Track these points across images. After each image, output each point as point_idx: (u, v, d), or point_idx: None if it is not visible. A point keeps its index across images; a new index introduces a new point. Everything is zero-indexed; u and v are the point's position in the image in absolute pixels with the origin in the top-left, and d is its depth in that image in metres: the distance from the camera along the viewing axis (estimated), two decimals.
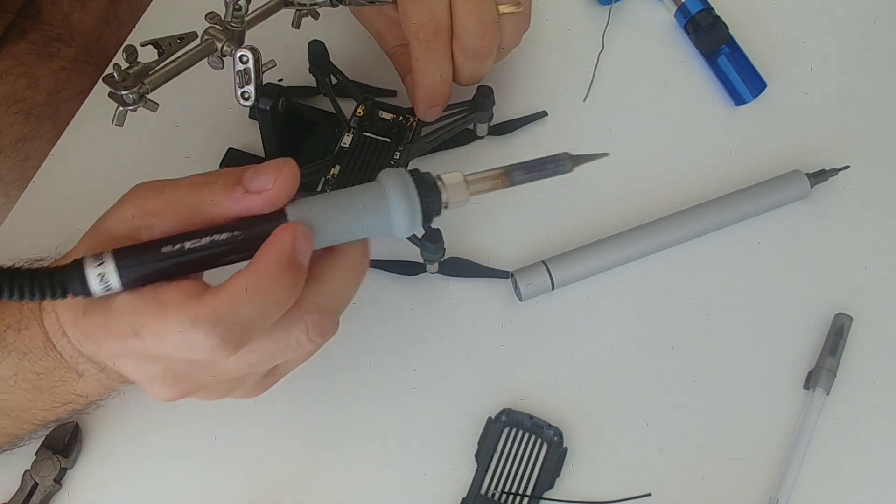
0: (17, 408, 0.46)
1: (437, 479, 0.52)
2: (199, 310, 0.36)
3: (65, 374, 0.44)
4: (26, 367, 0.44)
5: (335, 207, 0.39)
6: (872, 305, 0.56)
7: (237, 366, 0.40)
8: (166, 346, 0.37)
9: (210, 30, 0.48)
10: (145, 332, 0.37)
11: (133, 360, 0.39)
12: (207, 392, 0.41)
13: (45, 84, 0.68)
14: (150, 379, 0.39)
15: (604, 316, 0.56)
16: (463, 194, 0.41)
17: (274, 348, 0.40)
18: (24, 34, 0.68)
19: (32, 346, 0.43)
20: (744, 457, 0.53)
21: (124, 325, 0.37)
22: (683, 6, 0.63)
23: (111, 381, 0.45)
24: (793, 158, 0.60)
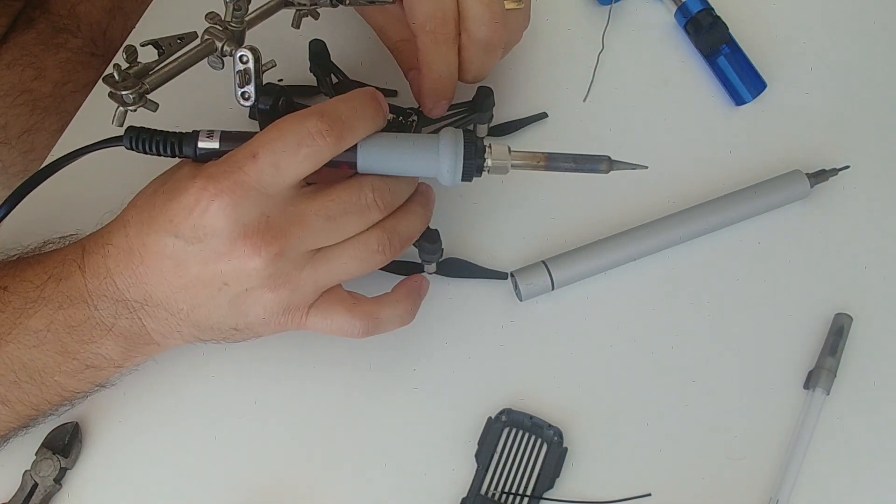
0: (42, 369, 0.47)
1: (437, 479, 0.52)
2: (307, 110, 0.44)
3: (93, 328, 0.46)
4: (59, 319, 0.46)
5: (397, 142, 0.47)
6: (872, 305, 0.56)
7: (318, 216, 0.45)
8: (283, 148, 0.43)
9: (210, 30, 0.48)
10: (263, 146, 0.43)
11: (234, 205, 0.42)
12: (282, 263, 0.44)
13: (51, 75, 0.68)
14: (245, 228, 0.43)
15: (604, 316, 0.56)
16: (504, 162, 0.48)
17: (348, 199, 0.45)
18: (33, 23, 0.68)
19: (70, 295, 0.46)
20: (744, 457, 0.53)
21: (242, 152, 0.43)
22: (683, 6, 0.63)
23: (137, 339, 0.47)
24: (793, 158, 0.60)
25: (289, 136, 0.43)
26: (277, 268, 0.44)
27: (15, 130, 0.68)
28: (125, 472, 0.52)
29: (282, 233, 0.44)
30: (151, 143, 0.46)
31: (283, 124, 0.43)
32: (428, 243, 0.52)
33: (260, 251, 0.43)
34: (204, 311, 0.46)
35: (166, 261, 0.44)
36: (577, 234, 0.58)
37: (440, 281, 0.57)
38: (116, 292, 0.46)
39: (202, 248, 0.43)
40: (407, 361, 0.55)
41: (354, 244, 0.47)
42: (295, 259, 0.45)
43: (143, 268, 0.45)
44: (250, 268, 0.44)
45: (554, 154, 0.49)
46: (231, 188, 0.42)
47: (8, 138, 0.67)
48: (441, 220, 0.58)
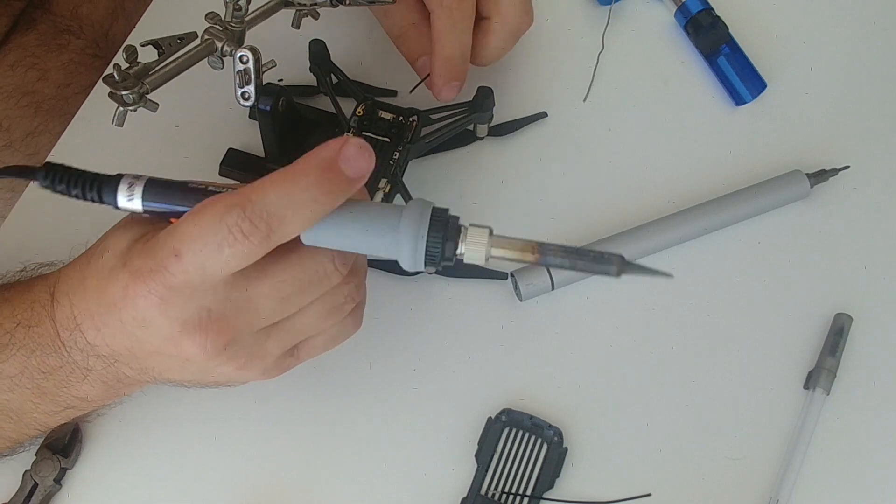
0: (19, 410, 0.46)
1: (437, 479, 0.52)
2: (230, 198, 0.37)
3: (69, 374, 0.44)
4: (33, 365, 0.44)
5: (349, 220, 0.38)
6: (872, 305, 0.56)
7: (269, 299, 0.40)
8: (204, 248, 0.37)
9: (210, 30, 0.48)
10: (185, 244, 0.37)
11: (166, 304, 0.38)
12: (237, 348, 0.40)
13: (54, 77, 0.68)
14: (184, 325, 0.39)
15: (604, 316, 0.56)
16: (480, 249, 0.39)
17: (303, 276, 0.40)
18: (34, 24, 0.68)
19: (42, 342, 0.44)
20: (744, 457, 0.53)
21: (164, 250, 0.38)
22: (683, 6, 0.63)
23: (116, 383, 0.45)
24: (793, 158, 0.60)
25: (209, 234, 0.37)
26: (233, 352, 0.41)
27: (18, 133, 0.68)
28: (125, 472, 0.52)
29: (227, 324, 0.39)
30: (69, 182, 0.40)
31: (202, 218, 0.37)
32: None
33: (205, 347, 0.39)
34: (176, 374, 0.44)
35: (123, 335, 0.41)
36: (577, 234, 0.58)
37: (440, 281, 0.57)
38: (87, 346, 0.43)
39: (149, 336, 0.40)
40: (407, 361, 0.55)
41: (316, 308, 0.42)
42: (251, 340, 0.41)
43: (105, 331, 0.42)
44: (202, 359, 0.40)
45: (548, 246, 0.39)
46: (158, 290, 0.38)
47: (11, 141, 0.67)
48: None
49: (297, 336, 0.43)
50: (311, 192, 0.37)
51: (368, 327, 0.55)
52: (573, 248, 0.38)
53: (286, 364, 0.45)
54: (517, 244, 0.39)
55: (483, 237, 0.38)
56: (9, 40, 0.66)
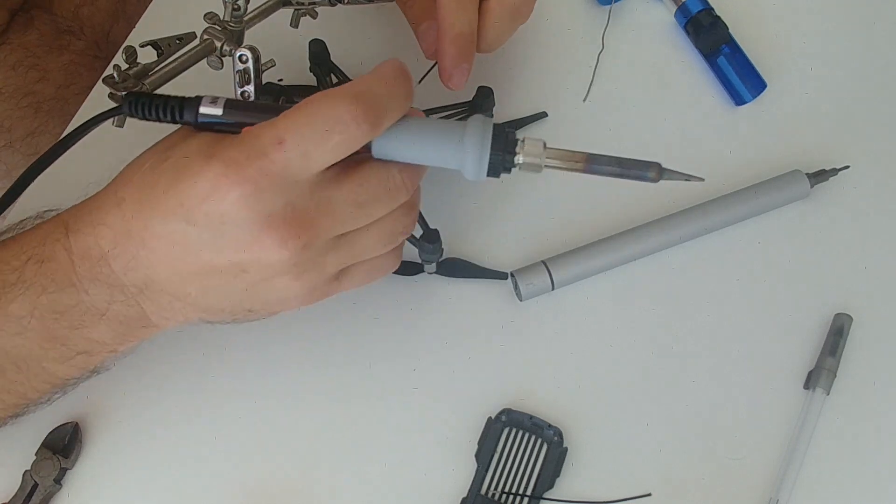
0: (27, 356, 0.44)
1: (437, 479, 0.52)
2: (339, 89, 0.39)
3: (84, 313, 0.43)
4: (44, 304, 0.42)
5: (420, 129, 0.42)
6: (872, 305, 0.56)
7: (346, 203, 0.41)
8: (312, 135, 0.39)
9: (209, 30, 0.48)
10: (290, 132, 0.39)
11: (258, 194, 0.38)
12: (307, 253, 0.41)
13: (54, 78, 0.68)
14: (269, 218, 0.39)
15: (604, 316, 0.56)
16: (537, 160, 0.43)
17: (377, 184, 0.42)
18: (34, 24, 0.68)
19: (54, 278, 0.42)
20: (744, 457, 0.53)
21: (265, 138, 0.39)
22: (683, 6, 0.63)
23: (135, 323, 0.44)
24: (793, 158, 0.60)
25: (319, 121, 0.39)
26: (303, 257, 0.41)
27: (19, 133, 0.68)
28: (125, 472, 0.52)
29: (309, 222, 0.40)
30: (151, 107, 0.43)
31: (312, 107, 0.39)
32: (428, 243, 0.52)
33: (286, 243, 0.40)
34: (215, 297, 0.43)
35: (174, 247, 0.40)
36: (577, 234, 0.58)
37: (440, 281, 0.57)
38: (111, 276, 0.42)
39: (219, 237, 0.40)
40: (407, 361, 0.55)
41: (380, 227, 0.44)
42: (320, 247, 0.42)
43: (146, 252, 0.41)
44: (274, 259, 0.40)
45: (596, 155, 0.44)
46: (254, 177, 0.38)
47: (12, 141, 0.68)
48: (441, 220, 0.58)
49: (355, 255, 0.44)
50: (402, 90, 0.41)
51: (369, 327, 0.55)
52: (617, 158, 0.44)
53: (330, 289, 0.45)
54: (568, 154, 0.43)
55: (538, 148, 0.42)
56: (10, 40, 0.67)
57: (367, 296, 0.56)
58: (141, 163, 0.42)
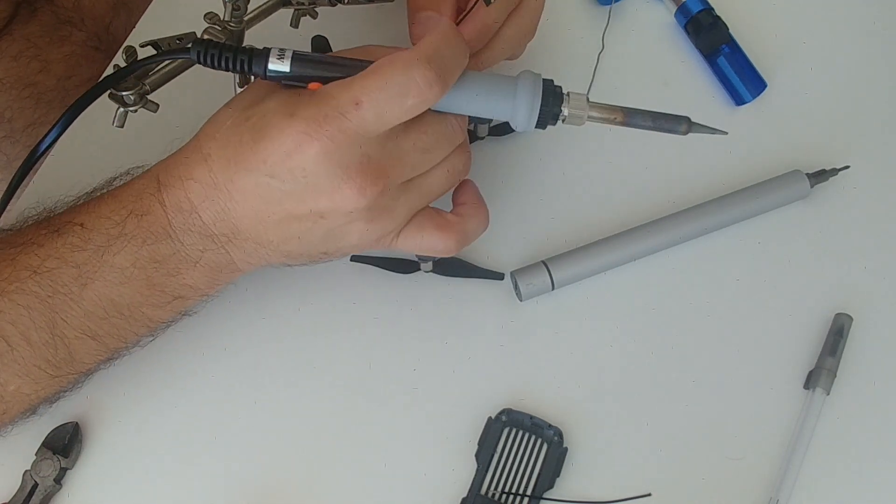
0: (130, 303, 0.47)
1: (437, 479, 0.52)
2: (411, 53, 0.42)
3: (180, 261, 0.46)
4: (144, 255, 0.45)
5: (474, 82, 0.45)
6: (872, 305, 0.56)
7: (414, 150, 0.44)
8: (388, 97, 0.41)
9: (209, 30, 0.48)
10: (366, 94, 0.41)
11: (337, 149, 0.42)
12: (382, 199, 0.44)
13: (55, 69, 0.68)
14: (347, 170, 0.42)
15: (604, 316, 0.56)
16: (581, 112, 0.46)
17: (438, 129, 0.45)
18: (36, 14, 0.68)
19: (153, 230, 0.45)
20: (744, 457, 0.53)
21: (342, 98, 0.41)
22: (683, 6, 0.63)
23: (223, 269, 0.47)
24: (793, 158, 0.60)
25: (394, 85, 0.41)
26: (378, 203, 0.44)
27: (20, 124, 0.68)
28: (125, 472, 0.52)
29: (383, 171, 0.43)
30: (220, 58, 0.44)
31: (387, 71, 0.42)
32: None
33: (365, 192, 0.43)
34: (295, 243, 0.46)
35: (259, 199, 0.44)
36: (577, 234, 0.58)
37: (440, 281, 0.57)
38: (202, 227, 0.45)
39: (301, 189, 0.43)
40: (407, 361, 0.55)
41: (443, 168, 0.47)
42: (393, 192, 0.45)
43: (232, 203, 0.44)
44: (352, 206, 0.43)
45: (633, 110, 0.47)
46: (333, 135, 0.41)
47: (13, 131, 0.67)
48: None
49: (423, 195, 0.47)
50: (462, 49, 0.44)
51: (368, 327, 0.55)
52: (650, 113, 0.48)
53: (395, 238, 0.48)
54: (608, 108, 0.47)
55: (583, 102, 0.46)
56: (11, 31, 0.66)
57: (368, 295, 0.56)
58: (223, 120, 0.45)
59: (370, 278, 0.56)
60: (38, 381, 0.47)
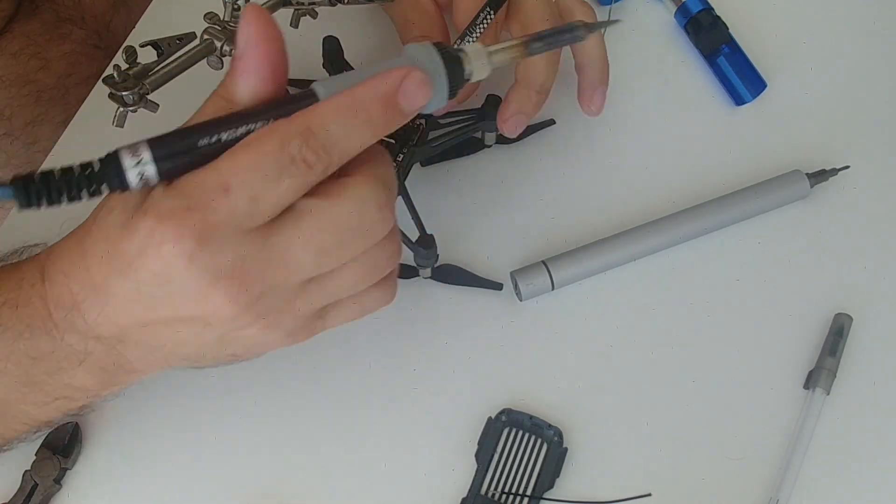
0: (5, 400, 0.43)
1: (437, 479, 0.52)
2: (288, 127, 0.35)
3: (63, 359, 0.41)
4: (20, 349, 0.40)
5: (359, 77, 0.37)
6: (872, 305, 0.56)
7: (306, 249, 0.37)
8: (262, 178, 0.35)
9: (209, 30, 0.48)
10: (236, 175, 0.35)
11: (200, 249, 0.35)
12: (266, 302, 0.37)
13: (56, 67, 0.68)
14: (215, 275, 0.35)
15: (604, 316, 0.56)
16: (485, 65, 0.40)
17: (346, 223, 0.37)
18: (36, 12, 0.68)
19: (31, 324, 0.40)
20: (744, 457, 0.53)
21: (206, 185, 0.35)
22: (683, 6, 0.63)
23: (116, 370, 0.41)
24: (793, 158, 0.60)
25: (268, 164, 0.35)
26: (263, 307, 0.37)
27: (19, 121, 0.67)
28: (125, 472, 0.52)
29: (261, 276, 0.36)
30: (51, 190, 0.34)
31: (259, 146, 0.35)
32: (423, 248, 0.52)
33: (237, 300, 0.36)
34: (191, 347, 0.40)
35: (134, 303, 0.37)
36: (577, 234, 0.58)
37: (440, 283, 0.57)
38: (86, 327, 0.39)
39: (167, 295, 0.36)
40: (407, 361, 0.55)
41: (356, 265, 0.39)
42: (283, 295, 0.38)
43: (111, 307, 0.38)
44: (227, 316, 0.37)
45: (530, 39, 0.41)
46: (196, 229, 0.34)
47: (12, 129, 0.67)
48: (440, 220, 0.58)
49: (330, 296, 0.40)
50: (370, 126, 0.36)
51: (368, 327, 0.55)
52: (546, 32, 0.41)
53: (313, 327, 0.41)
54: (507, 48, 0.40)
55: (482, 52, 0.40)
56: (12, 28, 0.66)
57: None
58: (108, 209, 0.38)
59: None
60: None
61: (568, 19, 0.54)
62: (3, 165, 0.68)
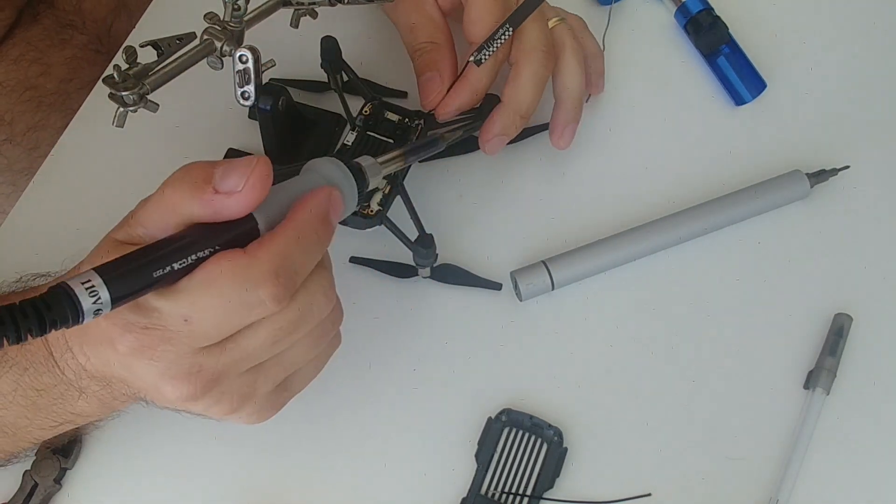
0: (14, 425, 0.45)
1: (437, 479, 0.52)
2: (255, 269, 0.37)
3: (65, 391, 0.43)
4: (26, 382, 0.43)
5: (287, 198, 0.40)
6: (872, 305, 0.56)
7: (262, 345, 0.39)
8: (225, 315, 0.37)
9: (209, 30, 0.48)
10: (198, 313, 0.36)
11: (158, 358, 0.37)
12: (223, 390, 0.40)
13: (57, 72, 0.68)
14: (170, 376, 0.38)
15: (604, 316, 0.56)
16: (378, 175, 0.45)
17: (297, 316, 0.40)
18: (38, 18, 0.68)
19: (34, 361, 0.43)
20: (744, 457, 0.53)
21: (171, 315, 0.37)
22: (683, 6, 0.63)
23: (112, 401, 0.44)
24: (793, 158, 0.60)
25: (234, 303, 0.37)
26: (219, 395, 0.40)
27: (20, 127, 0.68)
28: (125, 472, 0.52)
29: (217, 376, 0.39)
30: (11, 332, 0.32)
31: (226, 285, 0.36)
32: (422, 248, 0.52)
33: (194, 398, 0.39)
34: (167, 405, 0.42)
35: (111, 366, 0.40)
36: (577, 234, 0.58)
37: (440, 283, 0.57)
38: (80, 369, 0.42)
39: (135, 379, 0.40)
40: (407, 361, 0.55)
41: (311, 335, 0.42)
42: (238, 382, 0.40)
43: (95, 361, 0.41)
44: (186, 401, 0.39)
45: (404, 153, 0.47)
46: (151, 344, 0.37)
47: (13, 134, 0.67)
48: (441, 220, 0.58)
49: (287, 369, 0.42)
50: (318, 245, 0.39)
51: (369, 328, 0.55)
52: (413, 144, 0.48)
53: (281, 400, 0.44)
54: (393, 162, 0.46)
55: (376, 167, 0.45)
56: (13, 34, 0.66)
57: (368, 296, 0.56)
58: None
59: (370, 278, 0.57)
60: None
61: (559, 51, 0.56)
62: (5, 170, 0.69)
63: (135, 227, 0.38)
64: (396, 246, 0.53)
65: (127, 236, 0.39)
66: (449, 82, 0.53)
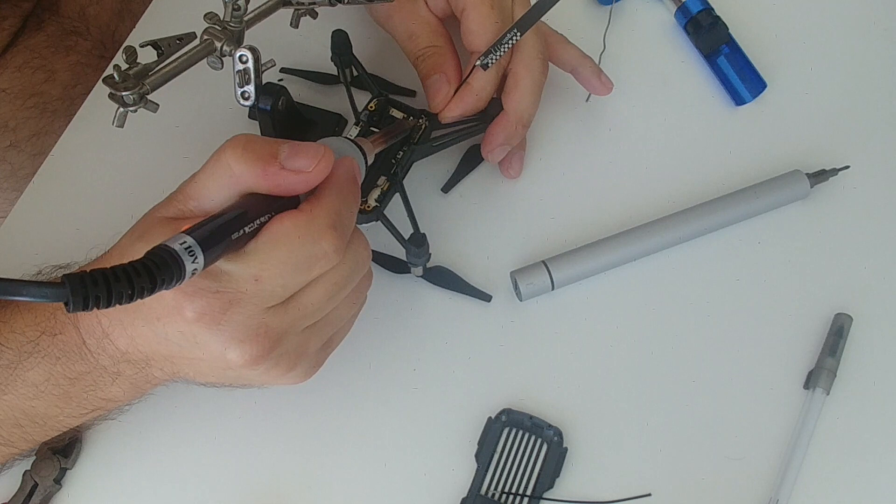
0: (45, 415, 0.46)
1: (437, 479, 0.52)
2: (316, 224, 0.40)
3: (98, 378, 0.44)
4: (58, 371, 0.44)
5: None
6: (872, 305, 0.56)
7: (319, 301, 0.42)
8: (292, 271, 0.39)
9: (209, 30, 0.48)
10: (267, 269, 0.39)
11: (226, 322, 0.39)
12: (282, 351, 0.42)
13: (61, 78, 0.69)
14: (237, 340, 0.40)
15: (604, 316, 0.56)
16: (371, 153, 0.48)
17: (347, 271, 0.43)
18: (42, 26, 0.68)
19: (66, 350, 0.44)
20: (744, 457, 0.53)
21: (239, 279, 0.39)
22: (683, 6, 0.63)
23: (145, 384, 0.46)
24: (793, 158, 0.60)
25: (301, 257, 0.40)
26: (279, 355, 0.42)
27: (25, 133, 0.68)
28: (125, 472, 0.52)
29: (281, 335, 0.42)
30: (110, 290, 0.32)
31: (293, 242, 0.39)
32: (414, 246, 0.51)
33: (256, 356, 0.41)
34: (211, 378, 0.45)
35: (160, 345, 0.42)
36: (577, 234, 0.58)
37: None
38: (116, 352, 0.43)
39: (193, 347, 0.41)
40: (407, 361, 0.55)
41: (353, 293, 0.46)
42: (297, 339, 0.43)
43: (137, 343, 0.43)
44: (247, 365, 0.41)
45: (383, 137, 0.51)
46: (221, 308, 0.39)
47: (18, 141, 0.68)
48: (441, 220, 0.58)
49: (334, 326, 0.46)
50: (355, 200, 0.43)
51: (369, 327, 0.55)
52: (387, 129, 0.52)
53: (323, 357, 0.47)
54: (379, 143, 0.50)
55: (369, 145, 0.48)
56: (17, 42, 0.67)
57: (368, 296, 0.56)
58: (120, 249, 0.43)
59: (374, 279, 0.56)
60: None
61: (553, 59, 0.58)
62: (9, 176, 0.69)
63: (185, 202, 0.41)
64: (392, 245, 0.53)
65: (178, 212, 0.41)
66: (455, 83, 0.54)
